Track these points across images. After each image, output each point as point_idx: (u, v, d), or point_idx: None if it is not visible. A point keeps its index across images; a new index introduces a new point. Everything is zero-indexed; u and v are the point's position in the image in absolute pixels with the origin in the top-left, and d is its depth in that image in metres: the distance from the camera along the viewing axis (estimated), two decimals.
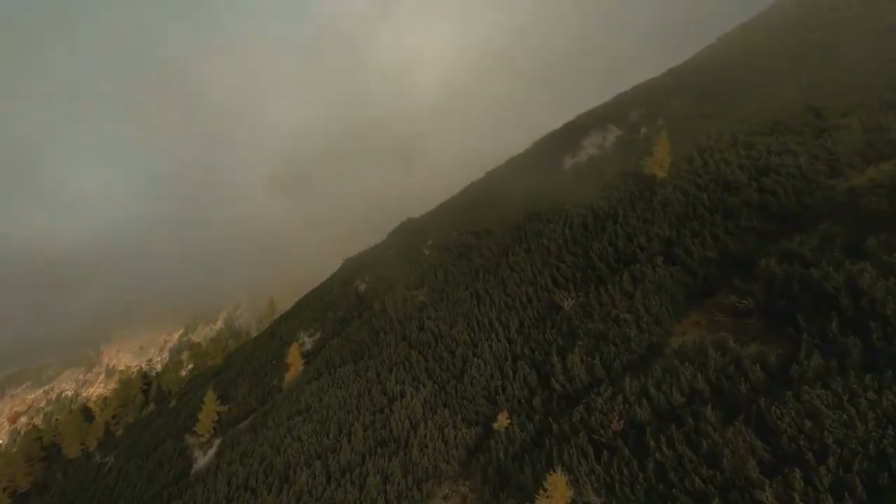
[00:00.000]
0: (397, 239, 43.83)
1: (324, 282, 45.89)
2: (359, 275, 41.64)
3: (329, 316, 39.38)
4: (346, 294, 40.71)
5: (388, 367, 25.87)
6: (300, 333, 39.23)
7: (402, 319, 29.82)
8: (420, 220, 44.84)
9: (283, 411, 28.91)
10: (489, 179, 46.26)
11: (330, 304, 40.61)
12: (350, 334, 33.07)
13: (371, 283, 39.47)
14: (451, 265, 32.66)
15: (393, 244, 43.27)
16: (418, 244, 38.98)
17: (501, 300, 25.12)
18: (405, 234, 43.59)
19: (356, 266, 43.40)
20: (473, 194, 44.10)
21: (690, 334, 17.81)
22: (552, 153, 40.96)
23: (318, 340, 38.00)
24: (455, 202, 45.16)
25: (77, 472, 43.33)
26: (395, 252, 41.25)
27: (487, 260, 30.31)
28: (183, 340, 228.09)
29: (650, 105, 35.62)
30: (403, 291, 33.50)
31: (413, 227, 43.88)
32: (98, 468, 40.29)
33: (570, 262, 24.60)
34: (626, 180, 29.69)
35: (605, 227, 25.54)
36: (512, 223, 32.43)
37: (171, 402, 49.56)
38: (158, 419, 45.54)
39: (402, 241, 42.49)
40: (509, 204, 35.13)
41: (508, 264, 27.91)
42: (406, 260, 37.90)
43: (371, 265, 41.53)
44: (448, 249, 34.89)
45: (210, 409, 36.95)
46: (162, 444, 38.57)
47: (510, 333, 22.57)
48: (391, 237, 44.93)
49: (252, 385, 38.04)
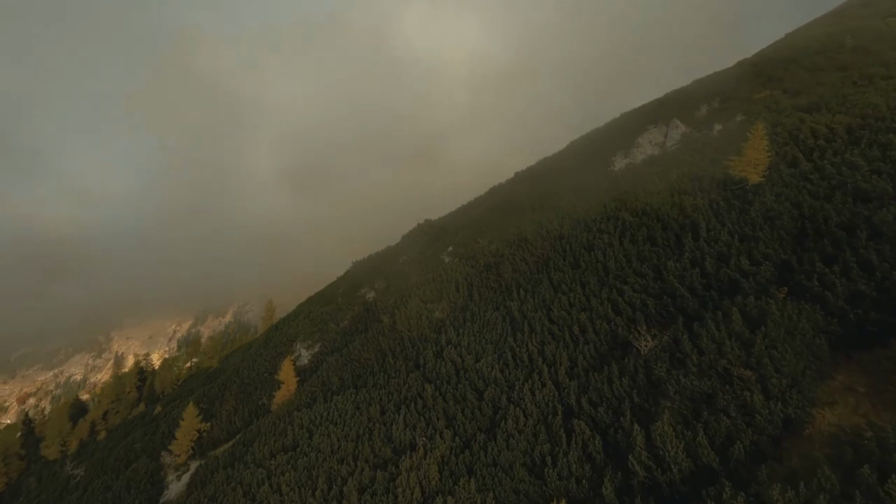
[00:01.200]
0: (413, 242, 38.74)
1: (328, 286, 41.13)
2: (368, 281, 36.62)
3: (331, 327, 34.38)
4: (352, 302, 35.69)
5: (395, 403, 20.60)
6: (297, 345, 34.32)
7: (416, 341, 24.55)
8: (439, 222, 39.78)
9: (266, 444, 23.89)
10: (519, 181, 40.90)
11: (333, 313, 35.65)
12: (353, 352, 27.94)
13: (381, 292, 34.36)
14: (477, 278, 27.29)
15: (408, 248, 38.19)
16: (437, 250, 33.76)
17: (544, 327, 19.62)
18: (422, 238, 38.48)
19: (365, 270, 38.48)
20: (502, 197, 38.76)
21: (842, 406, 12.12)
22: (596, 153, 35.38)
23: (316, 354, 33.00)
24: (480, 204, 39.93)
25: (49, 480, 39.15)
26: (409, 258, 36.13)
27: (523, 274, 24.86)
28: (192, 332, 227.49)
29: (724, 98, 29.86)
30: (418, 305, 28.25)
31: (431, 231, 38.80)
32: (67, 480, 35.97)
33: (638, 286, 18.97)
34: (701, 184, 23.94)
35: (682, 243, 19.89)
36: (553, 231, 26.92)
37: (157, 408, 45.24)
38: (139, 427, 41.16)
39: (418, 246, 37.36)
40: (548, 208, 29.66)
41: (551, 281, 22.42)
42: (422, 268, 32.69)
43: (382, 271, 36.48)
44: (473, 259, 29.55)
45: (189, 427, 32.23)
46: (136, 459, 33.99)
47: (558, 376, 17.06)
48: (406, 240, 39.91)
49: (239, 401, 33.22)
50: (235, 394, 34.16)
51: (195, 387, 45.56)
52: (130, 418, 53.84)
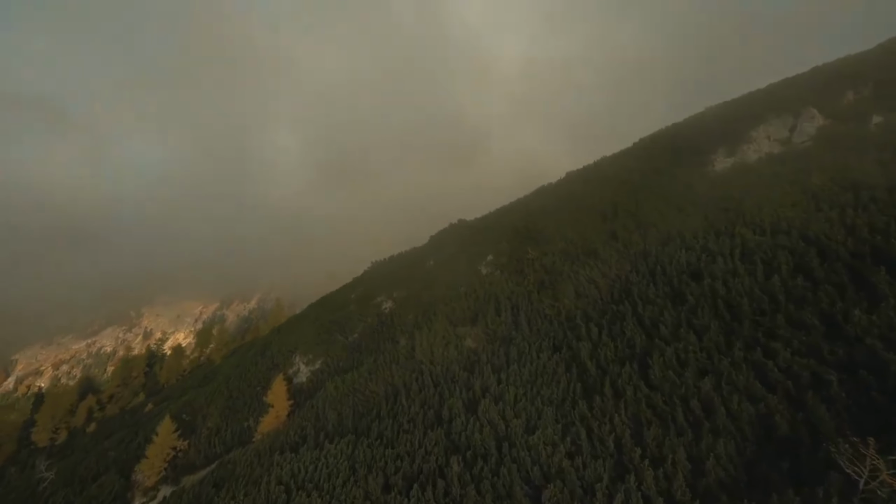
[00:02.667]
0: (443, 245, 32.52)
1: (341, 288, 35.61)
2: (385, 287, 30.69)
3: (338, 339, 28.62)
4: (365, 312, 29.83)
5: (405, 476, 14.35)
6: (296, 357, 28.78)
7: (440, 379, 18.23)
8: (477, 224, 33.42)
9: (236, 493, 18.27)
10: (577, 182, 33.84)
11: (342, 322, 29.92)
12: (358, 380, 21.95)
13: (400, 303, 28.30)
14: (525, 299, 20.69)
15: (436, 252, 32.01)
16: (473, 257, 27.36)
17: (640, 394, 12.80)
18: (455, 241, 32.19)
19: (384, 274, 32.59)
20: (553, 198, 31.83)
21: None
22: (686, 150, 27.87)
23: (316, 372, 27.31)
24: (526, 206, 33.17)
25: (25, 475, 35.45)
26: (437, 263, 29.92)
27: (592, 301, 18.05)
28: (217, 315, 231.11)
29: (879, 83, 21.99)
30: (445, 327, 21.94)
31: (466, 233, 32.45)
32: (37, 483, 31.96)
33: (801, 345, 11.84)
34: (873, 194, 16.35)
35: (867, 280, 12.66)
36: (634, 246, 19.94)
37: (148, 406, 41.16)
38: (124, 427, 36.98)
39: (449, 250, 31.10)
40: (625, 215, 22.68)
41: (639, 319, 15.53)
42: (453, 277, 26.38)
43: (403, 277, 30.46)
44: (520, 273, 22.95)
45: (164, 444, 27.27)
46: (106, 472, 29.42)
47: (672, 487, 10.25)
48: (435, 242, 33.76)
49: (223, 418, 28.01)
50: (221, 408, 28.99)
51: (189, 386, 41.17)
52: (127, 409, 50.41)
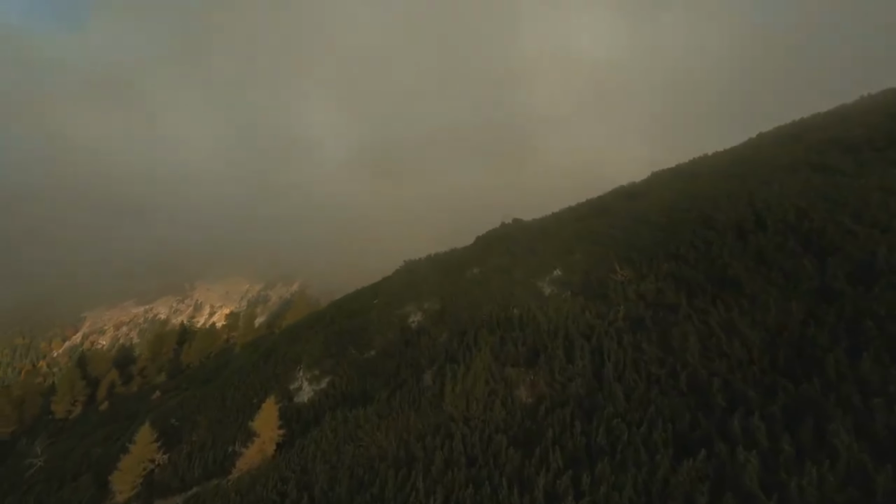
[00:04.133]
0: (491, 250, 25.89)
1: (367, 287, 30.17)
2: (415, 295, 24.68)
3: (351, 354, 23.01)
4: (388, 322, 23.98)
5: None
6: (300, 371, 23.54)
7: (478, 452, 11.74)
8: (536, 225, 26.43)
9: None
10: (676, 181, 25.87)
11: (359, 331, 24.30)
12: (366, 424, 16.03)
13: (431, 318, 22.16)
14: (612, 339, 13.66)
15: (482, 257, 25.48)
16: (532, 270, 20.53)
17: None
18: (506, 246, 25.44)
19: (417, 278, 26.54)
20: (645, 202, 24.10)
21: None
22: (857, 144, 19.28)
23: (320, 393, 21.84)
24: (603, 209, 25.69)
25: (17, 455, 33.46)
26: (483, 273, 23.39)
27: (741, 370, 10.71)
28: (261, 295, 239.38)
29: None
30: (489, 364, 15.46)
31: (522, 237, 25.57)
32: (26, 469, 29.41)
33: None
34: None
35: None
36: (806, 279, 12.24)
37: (155, 393, 38.27)
38: (118, 419, 34.04)
39: (499, 256, 24.44)
40: (777, 230, 14.89)
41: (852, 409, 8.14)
42: (503, 294, 19.72)
43: (440, 285, 24.28)
44: (604, 298, 15.99)
45: (140, 455, 23.07)
46: (88, 471, 25.95)
47: None
48: (482, 244, 27.19)
49: (210, 433, 23.38)
50: (212, 418, 24.40)
51: (197, 378, 37.71)
52: (142, 389, 48.50)
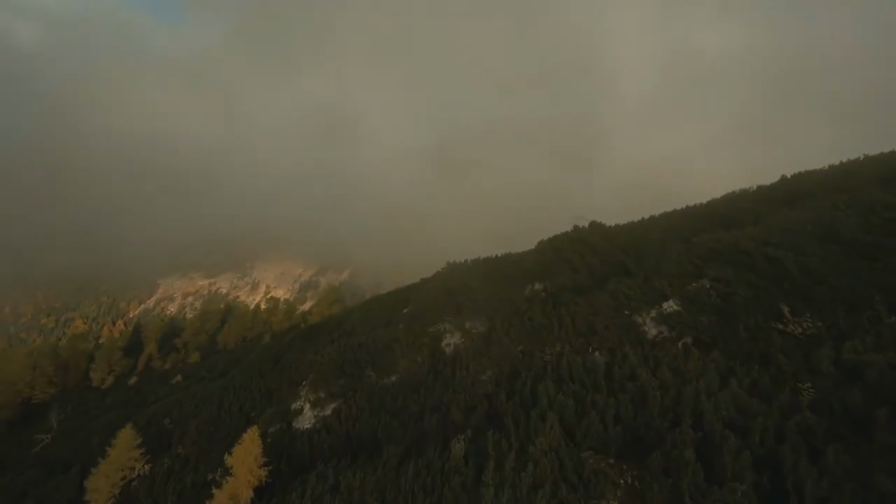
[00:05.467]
0: (560, 259, 19.42)
1: (396, 291, 25.10)
2: (457, 311, 18.99)
3: (367, 378, 17.86)
4: (417, 343, 18.53)
5: None
6: (303, 390, 18.85)
7: None
8: (620, 233, 19.49)
9: None
10: (816, 188, 17.80)
11: (379, 350, 19.10)
12: (368, 495, 10.58)
13: (473, 347, 16.37)
14: (794, 435, 6.76)
15: (545, 268, 19.15)
16: (626, 297, 13.91)
17: None
18: (578, 257, 18.84)
19: (458, 289, 20.76)
20: (806, 208, 16.37)
21: None
22: None
23: (323, 421, 16.98)
24: (731, 213, 18.25)
25: (40, 423, 32.64)
26: (546, 291, 17.14)
27: None
28: (312, 279, 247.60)
29: None
30: (555, 447, 9.25)
31: (602, 247, 18.83)
32: (29, 445, 27.99)
33: None
34: None
35: None
36: None
37: (176, 377, 36.26)
38: (130, 400, 32.03)
39: (571, 271, 17.96)
40: None
41: None
42: (581, 328, 13.36)
43: (487, 299, 18.36)
44: (764, 359, 8.90)
45: (119, 461, 19.73)
46: (78, 464, 23.43)
47: None
48: (546, 248, 20.71)
49: (195, 448, 19.50)
50: (201, 429, 20.55)
51: (215, 367, 35.05)
52: (176, 366, 47.53)
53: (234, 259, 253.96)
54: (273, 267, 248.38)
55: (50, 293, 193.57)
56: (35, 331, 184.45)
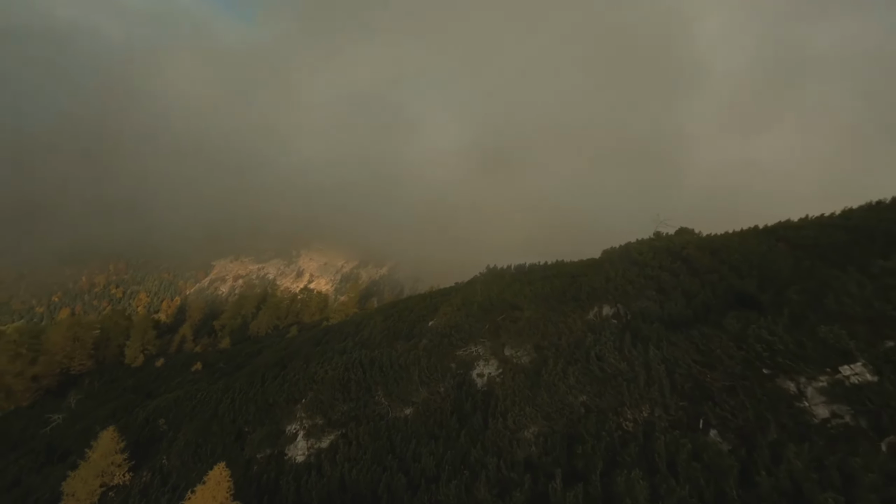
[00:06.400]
0: (635, 273, 14.50)
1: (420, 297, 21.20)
2: (495, 332, 14.71)
3: (377, 401, 14.09)
4: (440, 368, 14.47)
5: None
6: (298, 410, 15.41)
7: None
8: (729, 246, 14.26)
9: None
10: None
11: (394, 373, 15.24)
12: None
13: (514, 383, 12.03)
14: None
15: (616, 283, 14.30)
16: (753, 333, 8.90)
17: None
18: (664, 276, 13.82)
19: (498, 303, 16.33)
20: None
21: None
22: None
23: (317, 455, 13.44)
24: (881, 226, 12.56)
25: (47, 405, 32.18)
26: (626, 318, 12.34)
27: None
28: (353, 272, 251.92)
29: None
30: None
31: (702, 262, 13.69)
32: (44, 423, 27.25)
33: None
34: None
35: None
36: None
37: (195, 364, 34.91)
38: (145, 387, 30.72)
39: (656, 290, 13.06)
40: None
41: None
42: (671, 369, 8.55)
43: (534, 320, 13.91)
44: None
45: (100, 464, 17.51)
46: (73, 453, 21.79)
47: None
48: (615, 260, 15.82)
49: (182, 459, 16.80)
50: (190, 438, 17.85)
51: (234, 359, 33.17)
52: (206, 351, 46.96)
53: (283, 246, 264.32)
54: (318, 257, 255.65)
55: (120, 266, 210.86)
56: (105, 299, 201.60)
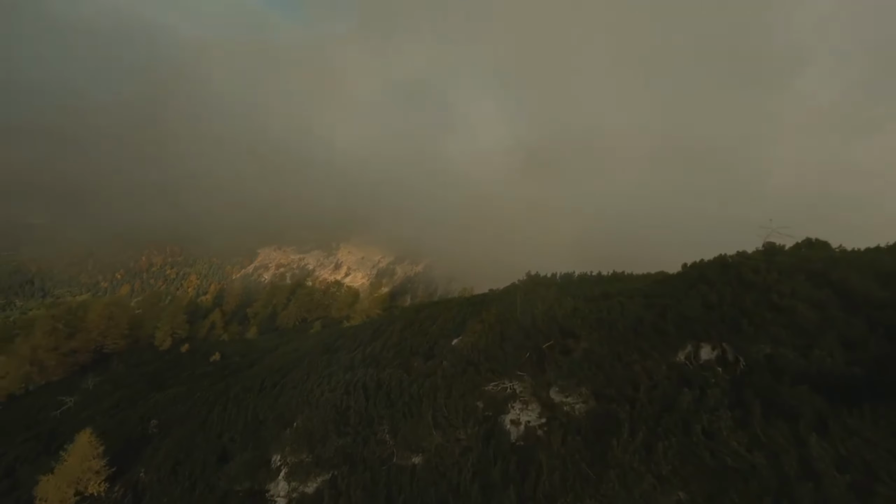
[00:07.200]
0: (748, 297, 10.20)
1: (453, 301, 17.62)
2: (539, 369, 10.91)
3: (380, 442, 10.69)
4: (461, 409, 10.82)
5: None
6: (284, 444, 12.40)
7: None
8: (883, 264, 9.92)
9: None
10: None
11: (403, 401, 11.82)
12: None
13: (571, 447, 8.14)
14: None
15: (715, 314, 10.05)
16: None
17: None
18: (800, 306, 9.44)
19: (535, 325, 12.51)
20: None
21: None
22: None
23: (300, 501, 10.16)
24: None
25: (62, 387, 31.61)
26: (750, 388, 8.17)
27: None
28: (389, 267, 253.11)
29: None
30: None
31: (860, 288, 9.30)
32: (52, 406, 26.50)
33: None
34: None
35: None
36: None
37: (214, 355, 33.54)
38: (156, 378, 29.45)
39: (801, 332, 8.74)
40: None
41: None
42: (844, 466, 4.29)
43: (596, 355, 9.96)
44: None
45: (72, 473, 15.53)
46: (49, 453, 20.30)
47: None
48: (712, 277, 11.67)
49: (160, 470, 14.39)
50: (167, 457, 15.46)
51: (248, 354, 31.35)
52: (233, 339, 46.24)
53: (324, 238, 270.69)
54: (356, 250, 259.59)
55: (175, 248, 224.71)
56: (161, 279, 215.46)
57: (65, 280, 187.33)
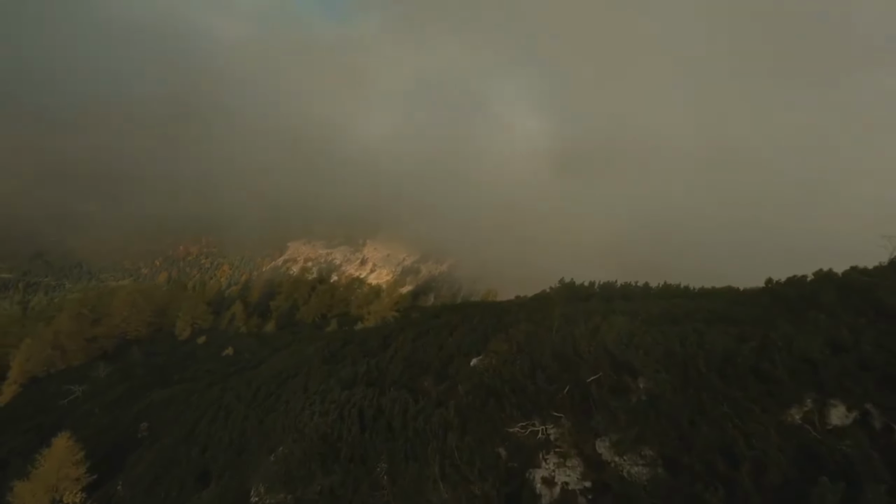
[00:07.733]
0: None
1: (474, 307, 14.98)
2: (582, 410, 8.30)
3: (372, 497, 8.28)
4: (476, 457, 8.29)
5: None
6: (265, 470, 10.32)
7: None
8: None
9: None
10: None
11: (405, 438, 9.44)
12: None
13: None
14: None
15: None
16: None
17: None
18: None
19: (574, 349, 9.91)
20: None
21: None
22: None
23: None
24: None
25: (71, 377, 31.04)
26: None
27: None
28: (413, 265, 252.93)
29: None
30: None
31: None
32: (63, 394, 25.92)
33: None
34: None
35: None
36: None
37: (227, 349, 32.46)
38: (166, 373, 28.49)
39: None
40: None
41: None
42: None
43: (656, 406, 7.25)
44: None
45: (49, 479, 14.16)
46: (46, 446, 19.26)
47: None
48: (847, 300, 8.67)
49: (136, 487, 12.68)
50: (148, 469, 13.76)
51: (260, 351, 29.96)
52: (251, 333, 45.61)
53: (351, 234, 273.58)
54: (382, 247, 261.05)
55: (211, 238, 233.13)
56: (196, 268, 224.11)
57: (110, 265, 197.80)
